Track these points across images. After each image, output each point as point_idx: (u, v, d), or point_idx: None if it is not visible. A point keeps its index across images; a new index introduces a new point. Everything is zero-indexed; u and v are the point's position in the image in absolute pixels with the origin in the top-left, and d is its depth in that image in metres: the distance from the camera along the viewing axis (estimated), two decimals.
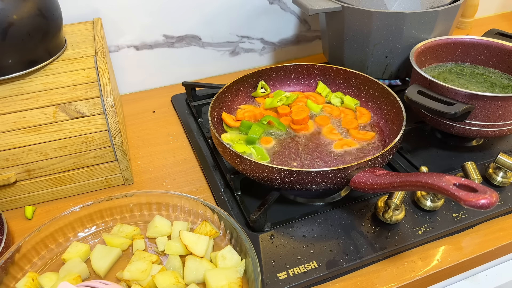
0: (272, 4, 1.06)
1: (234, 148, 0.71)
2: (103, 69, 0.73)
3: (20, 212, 0.72)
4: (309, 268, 0.58)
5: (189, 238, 0.61)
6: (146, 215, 0.69)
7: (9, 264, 0.58)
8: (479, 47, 0.85)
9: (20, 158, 0.67)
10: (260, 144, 0.74)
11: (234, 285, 0.55)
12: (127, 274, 0.57)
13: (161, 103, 0.99)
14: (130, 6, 0.94)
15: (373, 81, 0.80)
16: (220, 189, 0.72)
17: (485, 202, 0.43)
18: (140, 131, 0.90)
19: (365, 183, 0.57)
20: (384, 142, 0.75)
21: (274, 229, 0.64)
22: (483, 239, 0.65)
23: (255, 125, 0.75)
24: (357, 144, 0.74)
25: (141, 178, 0.78)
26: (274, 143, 0.75)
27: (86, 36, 0.83)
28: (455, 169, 0.74)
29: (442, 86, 0.70)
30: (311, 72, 0.88)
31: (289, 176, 0.60)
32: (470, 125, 0.71)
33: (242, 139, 0.75)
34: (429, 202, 0.65)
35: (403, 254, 0.62)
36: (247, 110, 0.81)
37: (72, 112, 0.69)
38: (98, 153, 0.71)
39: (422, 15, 0.81)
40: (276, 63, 1.16)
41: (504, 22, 1.35)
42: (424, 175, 0.50)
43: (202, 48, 1.06)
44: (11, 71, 0.69)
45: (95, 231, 0.67)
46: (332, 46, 0.95)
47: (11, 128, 0.66)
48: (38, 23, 0.69)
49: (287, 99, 0.83)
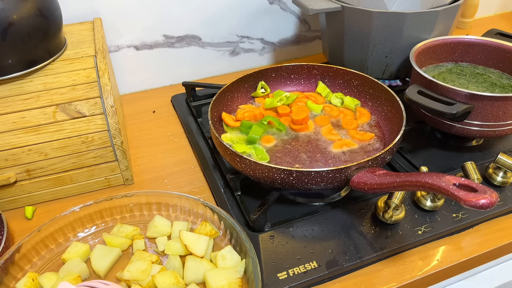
0: (272, 4, 1.06)
1: (234, 148, 0.71)
2: (103, 69, 0.73)
3: (20, 212, 0.72)
4: (309, 268, 0.58)
5: (189, 238, 0.61)
6: (146, 215, 0.69)
7: (9, 264, 0.58)
8: (479, 47, 0.85)
9: (20, 158, 0.67)
10: (260, 143, 0.74)
11: (234, 285, 0.55)
12: (127, 274, 0.57)
13: (161, 103, 0.99)
14: (130, 6, 0.94)
15: (373, 81, 0.80)
16: (220, 189, 0.72)
17: (485, 202, 0.43)
18: (140, 131, 0.90)
19: (365, 183, 0.57)
20: (384, 142, 0.75)
21: (274, 229, 0.64)
22: (483, 239, 0.65)
23: (256, 125, 0.75)
24: (357, 144, 0.74)
25: (141, 178, 0.78)
26: (275, 142, 0.75)
27: (86, 36, 0.83)
28: (455, 169, 0.74)
29: (442, 86, 0.70)
30: (311, 72, 0.88)
31: (289, 176, 0.60)
32: (470, 125, 0.71)
33: (242, 139, 0.75)
34: (429, 202, 0.65)
35: (403, 254, 0.62)
36: (247, 110, 0.81)
37: (72, 112, 0.69)
38: (98, 153, 0.71)
39: (422, 15, 0.81)
40: (276, 63, 1.16)
41: (504, 22, 1.35)
42: (424, 175, 0.50)
43: (202, 48, 1.06)
44: (11, 71, 0.69)
45: (95, 231, 0.67)
46: (332, 46, 0.95)
47: (11, 128, 0.66)
48: (38, 23, 0.69)
49: (287, 99, 0.83)
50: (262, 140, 0.75)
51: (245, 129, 0.76)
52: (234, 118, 0.80)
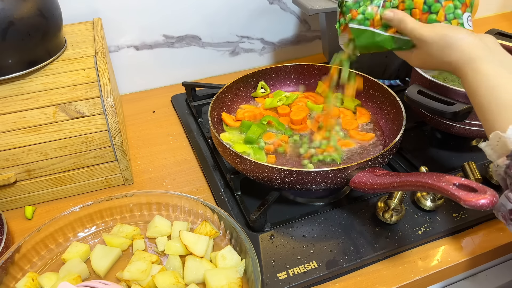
0: (272, 4, 1.06)
1: (234, 148, 0.71)
2: (103, 69, 0.73)
3: (20, 212, 0.72)
4: (309, 268, 0.58)
5: (189, 238, 0.61)
6: (146, 215, 0.69)
7: (9, 264, 0.58)
8: None
9: (20, 158, 0.67)
10: (262, 140, 0.74)
11: (234, 285, 0.55)
12: (127, 274, 0.57)
13: (161, 103, 0.99)
14: (130, 6, 0.94)
15: (373, 81, 0.80)
16: (220, 189, 0.72)
17: (485, 202, 0.43)
18: (140, 131, 0.90)
19: (365, 183, 0.57)
20: (384, 142, 0.75)
21: (274, 229, 0.64)
22: (483, 239, 0.64)
23: (255, 125, 0.75)
24: (357, 144, 0.74)
25: (141, 178, 0.78)
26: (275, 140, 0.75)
27: (86, 36, 0.83)
28: (455, 169, 0.74)
29: (442, 86, 0.70)
30: (311, 72, 0.88)
31: (289, 176, 0.60)
32: (470, 125, 0.71)
33: (242, 139, 0.75)
34: (429, 202, 0.65)
35: (403, 254, 0.62)
36: (247, 110, 0.81)
37: (72, 112, 0.69)
38: (98, 153, 0.71)
39: None
40: (276, 63, 1.15)
41: (504, 22, 1.35)
42: (424, 175, 0.50)
43: (202, 48, 1.06)
44: (11, 71, 0.69)
45: (95, 231, 0.67)
46: (332, 46, 0.95)
47: (11, 128, 0.66)
48: (38, 23, 0.69)
49: (287, 99, 0.83)
50: (265, 136, 0.75)
51: (245, 129, 0.76)
52: (234, 118, 0.80)
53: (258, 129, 0.74)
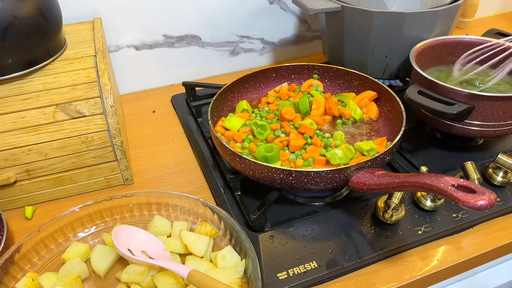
0: (272, 4, 1.06)
1: (229, 121, 0.71)
2: (103, 69, 0.73)
3: (20, 212, 0.72)
4: (309, 268, 0.58)
5: (189, 238, 0.61)
6: (146, 215, 0.69)
7: (9, 264, 0.58)
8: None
9: (20, 158, 0.67)
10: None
11: (234, 285, 0.55)
12: (125, 276, 0.57)
13: (161, 103, 0.99)
14: (130, 6, 0.94)
15: (373, 81, 0.80)
16: (220, 189, 0.72)
17: (483, 204, 0.43)
18: (140, 131, 0.90)
19: (364, 184, 0.57)
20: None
21: (274, 229, 0.64)
22: (483, 239, 0.65)
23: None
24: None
25: (141, 178, 0.78)
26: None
27: (86, 36, 0.83)
28: (455, 169, 0.74)
29: (442, 86, 0.70)
30: (311, 72, 0.88)
31: (288, 176, 0.60)
32: (470, 125, 0.71)
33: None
34: (429, 202, 0.65)
35: (403, 254, 0.62)
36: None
37: (72, 112, 0.69)
38: (98, 153, 0.71)
39: (422, 15, 0.81)
40: (276, 63, 1.15)
41: (504, 22, 1.35)
42: (423, 176, 0.49)
43: (202, 48, 1.06)
44: (11, 71, 0.69)
45: (95, 231, 0.67)
46: (332, 46, 0.95)
47: (11, 128, 0.66)
48: (38, 23, 0.69)
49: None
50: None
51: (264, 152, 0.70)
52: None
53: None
